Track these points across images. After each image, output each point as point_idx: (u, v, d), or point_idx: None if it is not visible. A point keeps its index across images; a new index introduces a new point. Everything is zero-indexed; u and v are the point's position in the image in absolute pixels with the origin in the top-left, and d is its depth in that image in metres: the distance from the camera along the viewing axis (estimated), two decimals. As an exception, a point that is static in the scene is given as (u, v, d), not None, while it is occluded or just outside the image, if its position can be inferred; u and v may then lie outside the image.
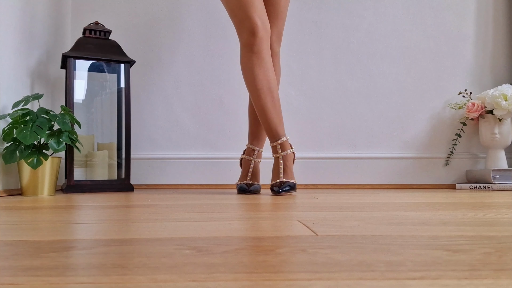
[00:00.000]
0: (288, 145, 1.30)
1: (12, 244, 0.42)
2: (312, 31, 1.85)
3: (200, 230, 0.51)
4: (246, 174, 1.41)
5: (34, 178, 1.28)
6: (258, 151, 1.44)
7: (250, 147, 1.43)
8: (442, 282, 0.27)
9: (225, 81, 1.85)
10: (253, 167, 1.41)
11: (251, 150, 1.43)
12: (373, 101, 1.85)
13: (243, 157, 1.44)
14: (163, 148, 1.84)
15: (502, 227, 0.53)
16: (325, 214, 0.68)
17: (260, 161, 1.45)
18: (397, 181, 1.82)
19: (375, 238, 0.44)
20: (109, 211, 0.77)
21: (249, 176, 1.40)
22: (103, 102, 1.67)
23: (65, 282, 0.27)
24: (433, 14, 1.87)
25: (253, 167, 1.41)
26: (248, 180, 1.39)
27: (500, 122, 1.69)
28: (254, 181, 1.41)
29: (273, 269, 0.31)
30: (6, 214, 0.71)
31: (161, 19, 1.86)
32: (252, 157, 1.42)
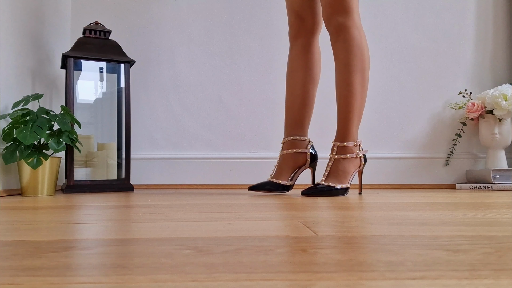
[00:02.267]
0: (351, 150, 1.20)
1: (12, 244, 0.42)
2: (312, 31, 1.85)
3: (200, 230, 0.51)
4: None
5: (34, 178, 1.28)
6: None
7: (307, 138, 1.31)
8: (442, 282, 0.27)
9: (225, 81, 1.85)
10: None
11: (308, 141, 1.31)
12: (373, 101, 1.85)
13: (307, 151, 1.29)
14: (163, 148, 1.84)
15: (502, 227, 0.53)
16: (325, 214, 0.68)
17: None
18: (397, 181, 1.82)
19: (375, 238, 0.44)
20: (109, 211, 0.77)
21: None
22: (103, 102, 1.67)
23: (65, 282, 0.27)
24: (433, 14, 1.87)
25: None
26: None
27: (500, 122, 1.69)
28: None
29: (273, 269, 0.31)
30: (6, 214, 0.71)
31: (161, 19, 1.86)
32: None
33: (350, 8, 1.15)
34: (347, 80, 1.17)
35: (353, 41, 1.16)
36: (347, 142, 1.19)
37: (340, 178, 1.18)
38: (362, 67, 1.16)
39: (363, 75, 1.16)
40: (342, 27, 1.16)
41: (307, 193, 1.18)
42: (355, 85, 1.16)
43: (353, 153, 1.19)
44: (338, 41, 1.18)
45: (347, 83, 1.17)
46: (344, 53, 1.17)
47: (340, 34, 1.17)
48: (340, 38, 1.17)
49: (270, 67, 1.84)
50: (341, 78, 1.18)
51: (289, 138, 1.28)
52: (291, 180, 1.26)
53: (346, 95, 1.17)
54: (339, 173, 1.18)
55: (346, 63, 1.17)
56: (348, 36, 1.16)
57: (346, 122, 1.19)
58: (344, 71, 1.17)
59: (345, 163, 1.19)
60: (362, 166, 1.22)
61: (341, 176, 1.18)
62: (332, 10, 1.16)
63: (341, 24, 1.16)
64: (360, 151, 1.20)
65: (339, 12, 1.16)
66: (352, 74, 1.16)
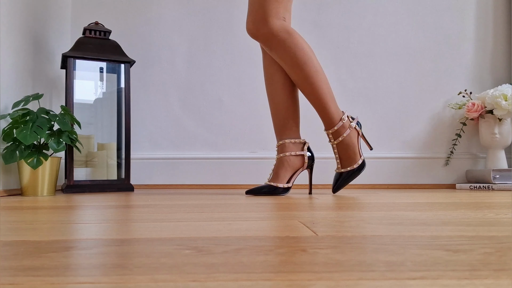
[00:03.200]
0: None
1: (12, 244, 0.42)
2: (312, 31, 1.85)
3: (200, 230, 0.51)
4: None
5: (34, 178, 1.28)
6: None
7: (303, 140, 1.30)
8: (442, 282, 0.27)
9: (225, 81, 1.85)
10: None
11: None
12: (373, 101, 1.85)
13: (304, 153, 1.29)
14: (163, 148, 1.84)
15: (502, 227, 0.53)
16: (325, 214, 0.68)
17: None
18: (397, 181, 1.82)
19: (375, 238, 0.44)
20: (109, 211, 0.77)
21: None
22: (103, 102, 1.67)
23: (65, 282, 0.27)
24: (433, 14, 1.87)
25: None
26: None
27: (500, 122, 1.69)
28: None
29: (273, 269, 0.31)
30: (6, 214, 0.71)
31: (161, 19, 1.86)
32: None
33: (267, 15, 1.16)
34: (301, 78, 1.21)
35: (285, 45, 1.18)
36: (336, 125, 1.23)
37: (353, 156, 1.25)
38: (305, 59, 1.19)
39: (311, 63, 1.19)
40: (269, 36, 1.18)
41: (336, 190, 1.29)
42: (310, 77, 1.20)
43: (347, 128, 1.24)
44: (272, 50, 1.21)
45: (302, 79, 1.21)
46: (285, 59, 1.20)
47: (271, 44, 1.19)
48: (273, 48, 1.20)
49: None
50: (294, 78, 1.23)
51: (283, 142, 1.28)
52: (288, 183, 1.26)
53: (308, 89, 1.22)
54: (349, 153, 1.25)
55: (291, 65, 1.20)
56: (278, 44, 1.18)
57: (323, 110, 1.23)
58: (293, 71, 1.21)
59: (347, 141, 1.24)
60: (360, 130, 1.27)
61: (352, 153, 1.24)
62: (253, 25, 1.18)
63: (266, 34, 1.18)
64: (352, 122, 1.25)
65: (260, 24, 1.17)
66: (301, 70, 1.20)
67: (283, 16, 1.18)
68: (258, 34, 1.18)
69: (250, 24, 1.19)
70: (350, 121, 1.25)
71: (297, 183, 1.77)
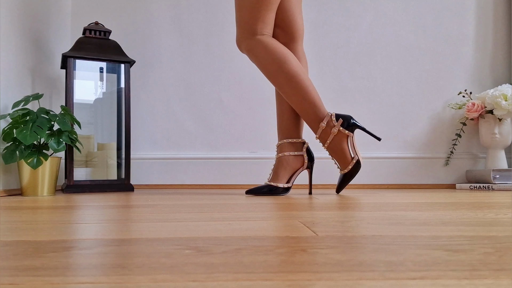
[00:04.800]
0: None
1: (12, 244, 0.42)
2: (312, 31, 1.85)
3: (200, 230, 0.51)
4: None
5: (34, 178, 1.28)
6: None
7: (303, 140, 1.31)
8: (442, 282, 0.27)
9: (225, 81, 1.85)
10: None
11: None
12: (373, 101, 1.85)
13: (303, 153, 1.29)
14: (163, 148, 1.84)
15: (502, 227, 0.53)
16: (325, 214, 0.68)
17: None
18: (397, 181, 1.82)
19: (375, 238, 0.44)
20: (109, 211, 0.77)
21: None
22: (103, 102, 1.67)
23: (65, 282, 0.27)
24: (433, 14, 1.87)
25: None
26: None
27: (500, 122, 1.69)
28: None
29: (273, 269, 0.31)
30: (6, 214, 0.71)
31: (161, 19, 1.86)
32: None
33: (245, 34, 1.24)
34: (277, 86, 1.25)
35: (258, 59, 1.24)
36: (317, 132, 1.23)
37: (343, 160, 1.23)
38: (275, 69, 1.22)
39: (282, 73, 1.22)
40: (247, 52, 1.26)
41: (338, 191, 1.29)
42: (282, 87, 1.23)
43: (329, 134, 1.22)
44: (253, 62, 1.27)
45: (278, 87, 1.25)
46: (261, 70, 1.26)
47: (251, 58, 1.26)
48: (253, 60, 1.26)
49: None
50: (275, 87, 1.26)
51: (282, 142, 1.29)
52: (288, 183, 1.26)
53: (286, 97, 1.24)
54: (339, 157, 1.24)
55: (267, 75, 1.25)
56: (253, 58, 1.25)
57: (306, 116, 1.24)
58: (270, 81, 1.26)
59: (334, 145, 1.23)
60: (348, 132, 1.24)
61: (342, 157, 1.23)
62: (237, 42, 1.27)
63: (245, 50, 1.26)
64: (335, 126, 1.22)
65: (240, 42, 1.26)
66: (274, 81, 1.24)
67: (261, 31, 1.23)
68: (241, 49, 1.28)
69: (236, 40, 1.29)
70: (333, 125, 1.21)
71: (297, 183, 1.77)
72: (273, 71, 1.22)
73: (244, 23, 1.23)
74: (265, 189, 1.24)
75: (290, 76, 1.21)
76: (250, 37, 1.23)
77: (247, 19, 1.22)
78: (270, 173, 1.29)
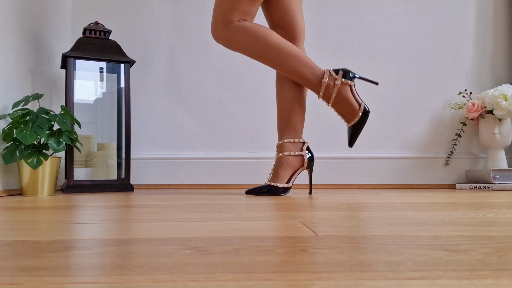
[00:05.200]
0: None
1: (12, 244, 0.42)
2: (312, 31, 1.85)
3: (200, 230, 0.51)
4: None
5: (34, 178, 1.28)
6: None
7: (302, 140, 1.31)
8: (442, 282, 0.27)
9: (225, 81, 1.85)
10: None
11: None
12: (373, 101, 1.85)
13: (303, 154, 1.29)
14: (163, 148, 1.84)
15: (502, 227, 0.53)
16: (325, 214, 0.68)
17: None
18: (397, 181, 1.82)
19: (375, 238, 0.44)
20: (109, 211, 0.77)
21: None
22: (103, 102, 1.67)
23: (65, 282, 0.27)
24: (433, 14, 1.87)
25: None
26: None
27: (500, 122, 1.69)
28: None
29: (273, 269, 0.31)
30: (6, 214, 0.71)
31: (161, 19, 1.86)
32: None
33: (221, 22, 1.22)
34: (268, 63, 1.24)
35: (240, 43, 1.22)
36: (320, 90, 1.23)
37: (351, 110, 1.24)
38: (263, 47, 1.21)
39: (270, 47, 1.21)
40: (226, 40, 1.23)
41: (350, 144, 1.28)
42: (275, 60, 1.22)
43: (333, 87, 1.23)
44: (234, 50, 1.25)
45: (270, 64, 1.24)
46: (247, 54, 1.24)
47: (231, 46, 1.24)
48: (234, 48, 1.24)
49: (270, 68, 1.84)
50: (266, 64, 1.25)
51: (282, 141, 1.29)
52: (288, 183, 1.26)
53: (280, 69, 1.24)
54: (346, 108, 1.24)
55: (255, 57, 1.23)
56: (235, 45, 1.23)
57: (301, 81, 1.24)
58: (260, 60, 1.24)
59: (339, 98, 1.24)
60: (350, 81, 1.25)
61: (349, 107, 1.24)
62: (213, 31, 1.25)
63: (223, 38, 1.23)
64: (337, 79, 1.23)
65: (216, 30, 1.24)
66: (264, 58, 1.22)
67: (238, 20, 1.22)
68: (217, 38, 1.25)
69: (211, 29, 1.26)
70: (334, 78, 1.22)
71: (297, 183, 1.77)
72: (261, 50, 1.21)
73: (221, 13, 1.21)
74: (265, 189, 1.24)
75: (278, 47, 1.21)
76: (228, 26, 1.21)
77: (225, 8, 1.20)
78: (270, 173, 1.29)
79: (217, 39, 1.25)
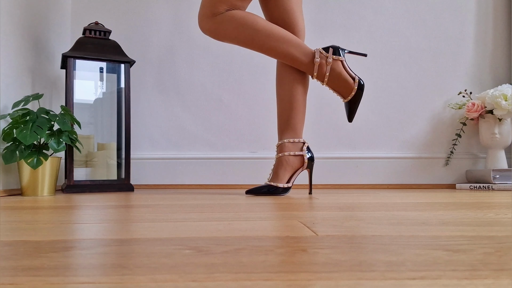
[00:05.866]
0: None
1: (12, 244, 0.42)
2: (312, 31, 1.85)
3: (200, 230, 0.51)
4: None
5: (34, 178, 1.28)
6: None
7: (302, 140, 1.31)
8: (442, 282, 0.27)
9: (225, 81, 1.85)
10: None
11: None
12: (373, 101, 1.85)
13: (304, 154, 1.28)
14: (163, 148, 1.84)
15: (502, 227, 0.53)
16: (325, 214, 0.68)
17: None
18: (397, 181, 1.82)
19: (375, 238, 0.44)
20: (109, 211, 0.77)
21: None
22: (103, 102, 1.67)
23: (65, 282, 0.27)
24: (433, 14, 1.87)
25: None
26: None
27: (500, 122, 1.69)
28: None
29: (273, 269, 0.31)
30: (6, 214, 0.71)
31: (161, 19, 1.86)
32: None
33: (209, 12, 1.21)
34: (258, 49, 1.24)
35: (227, 32, 1.21)
36: (313, 70, 1.24)
37: (346, 85, 1.25)
38: (251, 34, 1.21)
39: (259, 33, 1.21)
40: (209, 31, 1.23)
41: (350, 119, 1.29)
42: (265, 45, 1.22)
43: (325, 65, 1.23)
44: (221, 40, 1.25)
45: (260, 49, 1.24)
46: (236, 42, 1.23)
47: (218, 36, 1.24)
48: (221, 38, 1.24)
49: (270, 67, 1.84)
50: (255, 50, 1.26)
51: (282, 142, 1.29)
52: (288, 183, 1.26)
53: (271, 53, 1.24)
54: (341, 84, 1.25)
55: (244, 44, 1.23)
56: (220, 33, 1.22)
57: (293, 62, 1.25)
58: (249, 47, 1.24)
59: (333, 76, 1.25)
60: (341, 57, 1.27)
61: (343, 82, 1.25)
62: (200, 22, 1.24)
63: (209, 28, 1.23)
64: (328, 57, 1.24)
65: (203, 21, 1.23)
66: (253, 44, 1.23)
67: (225, 10, 1.21)
68: (204, 30, 1.24)
69: (198, 21, 1.25)
70: (326, 56, 1.23)
71: (297, 183, 1.77)
72: (249, 36, 1.21)
73: (208, 4, 1.21)
74: (265, 189, 1.24)
75: (267, 31, 1.21)
76: (214, 17, 1.21)
77: (214, 1, 1.20)
78: (270, 173, 1.29)
79: (204, 30, 1.24)
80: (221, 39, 1.24)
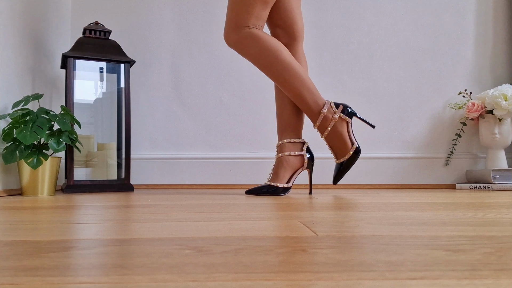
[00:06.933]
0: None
1: (12, 244, 0.42)
2: (312, 31, 1.85)
3: (200, 230, 0.51)
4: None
5: (34, 178, 1.28)
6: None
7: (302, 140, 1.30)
8: (442, 282, 0.27)
9: (225, 81, 1.85)
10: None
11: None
12: (373, 101, 1.85)
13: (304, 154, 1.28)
14: (163, 148, 1.84)
15: (502, 227, 0.53)
16: (325, 214, 0.68)
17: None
18: (397, 181, 1.82)
19: (375, 238, 0.44)
20: (109, 211, 0.77)
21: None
22: (103, 102, 1.67)
23: (65, 282, 0.27)
24: (433, 14, 1.87)
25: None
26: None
27: (500, 122, 1.69)
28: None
29: (273, 269, 0.31)
30: (6, 214, 0.71)
31: (161, 19, 1.86)
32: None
33: (235, 25, 1.21)
34: (271, 77, 1.24)
35: (250, 50, 1.22)
36: (317, 120, 1.24)
37: (343, 147, 1.25)
38: (271, 60, 1.21)
39: (278, 62, 1.21)
40: (237, 44, 1.23)
41: (335, 181, 1.29)
42: (279, 76, 1.22)
43: (330, 120, 1.23)
44: (243, 55, 1.25)
45: (273, 78, 1.24)
46: (254, 62, 1.24)
47: (240, 50, 1.24)
48: (243, 53, 1.24)
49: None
50: (269, 77, 1.26)
51: (282, 142, 1.29)
52: (288, 183, 1.26)
53: (282, 87, 1.24)
54: (339, 145, 1.25)
55: (260, 67, 1.24)
56: (244, 50, 1.23)
57: (301, 105, 1.24)
58: (264, 72, 1.25)
59: (334, 132, 1.24)
60: (347, 118, 1.26)
61: (342, 144, 1.25)
62: (225, 34, 1.24)
63: (235, 41, 1.23)
64: (336, 112, 1.24)
65: (229, 33, 1.23)
66: (269, 70, 1.22)
67: (253, 25, 1.21)
68: (229, 42, 1.24)
69: (224, 33, 1.25)
70: (334, 111, 1.23)
71: (297, 183, 1.77)
72: (269, 62, 1.21)
73: (235, 17, 1.21)
74: (265, 189, 1.24)
75: (286, 64, 1.21)
76: (240, 30, 1.21)
77: (239, 13, 1.20)
78: (270, 173, 1.29)
79: (229, 43, 1.24)
80: (243, 54, 1.24)
